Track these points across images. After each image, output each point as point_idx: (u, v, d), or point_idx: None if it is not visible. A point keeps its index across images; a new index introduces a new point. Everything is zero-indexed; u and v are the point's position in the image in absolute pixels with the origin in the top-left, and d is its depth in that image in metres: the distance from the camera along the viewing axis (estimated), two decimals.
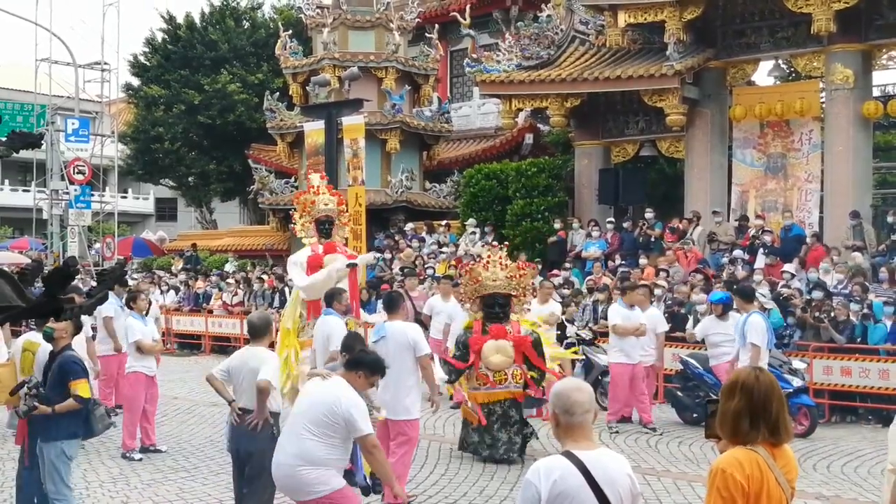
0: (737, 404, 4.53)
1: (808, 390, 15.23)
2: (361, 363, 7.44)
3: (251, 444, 8.60)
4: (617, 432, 14.52)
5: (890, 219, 20.85)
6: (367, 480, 8.37)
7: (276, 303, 23.69)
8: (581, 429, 4.81)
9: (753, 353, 13.03)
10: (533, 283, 14.02)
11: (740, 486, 4.39)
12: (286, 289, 23.52)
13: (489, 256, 13.12)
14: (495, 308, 12.78)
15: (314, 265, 13.66)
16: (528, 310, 13.51)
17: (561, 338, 17.77)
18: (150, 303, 16.71)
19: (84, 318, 13.05)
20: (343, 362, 7.65)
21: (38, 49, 42.56)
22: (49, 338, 8.97)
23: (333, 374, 7.49)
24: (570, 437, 4.82)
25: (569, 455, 4.74)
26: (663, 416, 15.72)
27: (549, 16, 26.70)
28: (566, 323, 17.95)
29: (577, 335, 17.54)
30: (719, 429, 4.63)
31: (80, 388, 8.70)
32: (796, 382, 14.60)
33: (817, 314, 16.66)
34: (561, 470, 4.70)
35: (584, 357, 17.16)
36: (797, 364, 15.27)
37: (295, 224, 14.44)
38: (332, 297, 11.50)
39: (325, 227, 14.03)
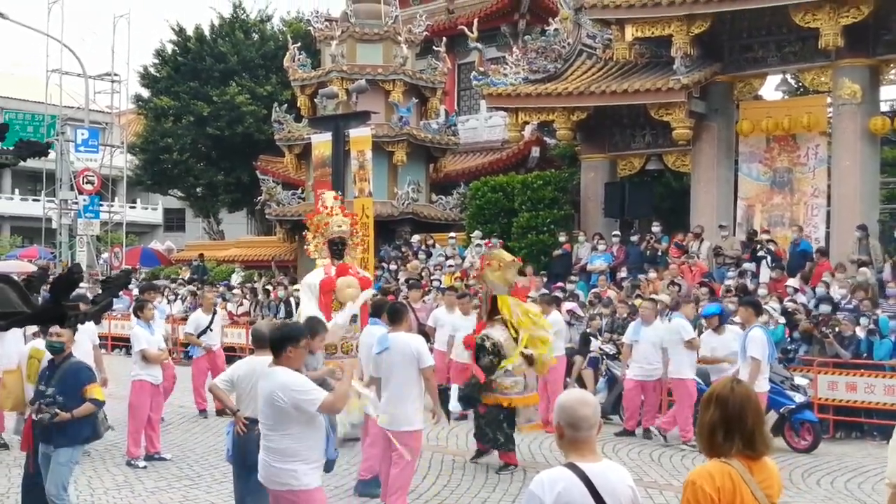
0: (711, 416, 4.54)
1: (812, 406, 15.20)
2: (280, 340, 7.29)
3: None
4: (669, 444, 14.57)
5: None
6: (337, 452, 8.25)
7: (283, 313, 23.73)
8: (586, 443, 4.80)
9: (753, 367, 13.05)
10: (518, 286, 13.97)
11: (709, 498, 4.40)
12: (291, 299, 23.58)
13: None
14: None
15: (327, 289, 13.71)
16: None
17: (585, 351, 17.85)
18: (214, 309, 17.57)
19: (92, 326, 13.21)
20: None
21: (49, 60, 42.86)
22: (58, 351, 9.01)
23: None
24: (575, 450, 4.81)
25: (572, 467, 4.74)
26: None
27: (556, 29, 26.77)
28: (590, 337, 17.98)
29: (601, 349, 17.56)
30: (697, 441, 4.64)
31: (96, 391, 8.95)
32: (798, 398, 14.58)
33: (823, 329, 16.64)
34: (565, 481, 4.69)
35: (606, 371, 17.20)
36: (799, 380, 15.23)
37: (308, 245, 14.48)
38: (382, 309, 11.51)
39: (337, 248, 14.05)
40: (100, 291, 5.81)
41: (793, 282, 19.16)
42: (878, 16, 21.22)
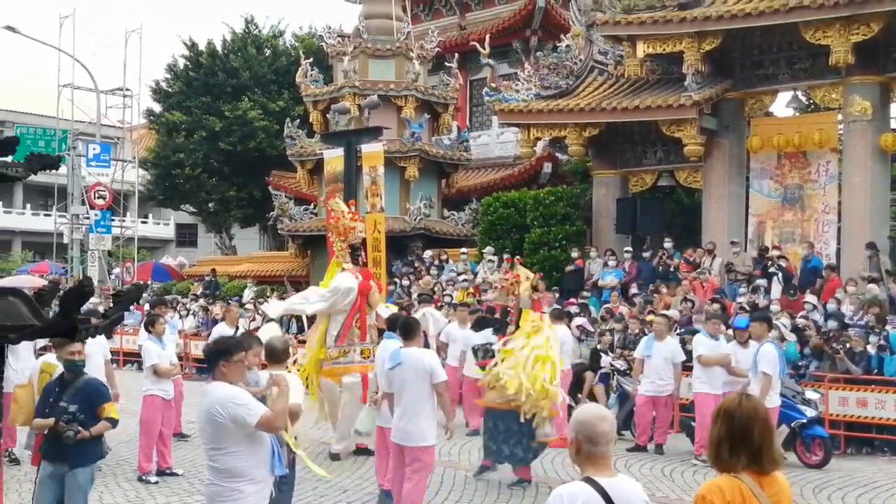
0: (718, 431, 4.54)
1: (823, 421, 15.18)
2: (212, 355, 7.19)
3: None
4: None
5: None
6: (286, 470, 8.09)
7: (294, 328, 23.74)
8: (603, 458, 4.83)
9: (764, 383, 13.05)
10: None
11: None
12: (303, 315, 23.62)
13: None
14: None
15: (365, 292, 13.90)
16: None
17: (595, 367, 17.84)
18: (237, 324, 17.89)
19: (103, 340, 13.26)
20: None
21: (62, 75, 43.00)
22: (79, 370, 8.98)
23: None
24: (592, 465, 4.83)
25: (590, 481, 4.76)
26: (679, 446, 15.68)
27: (568, 46, 26.84)
28: (601, 353, 17.96)
29: (612, 365, 17.54)
30: (707, 455, 4.64)
31: (112, 410, 8.95)
32: (810, 413, 14.57)
33: (834, 345, 16.61)
34: (584, 496, 4.71)
35: (618, 387, 17.19)
36: (810, 394, 15.20)
37: (334, 248, 14.61)
38: (396, 323, 11.56)
39: (357, 252, 14.24)
40: (111, 306, 5.84)
41: (810, 298, 19.10)
42: (889, 33, 21.20)
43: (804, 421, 14.39)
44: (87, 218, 39.12)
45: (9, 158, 5.78)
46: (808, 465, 14.38)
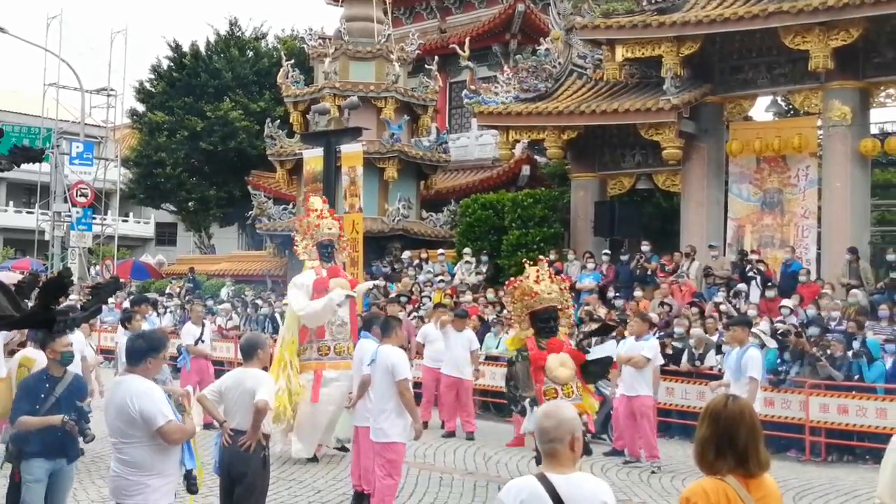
0: (703, 432, 4.50)
1: None
2: (144, 350, 7.22)
3: (244, 464, 8.57)
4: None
5: (890, 257, 20.33)
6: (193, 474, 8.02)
7: (270, 328, 23.73)
8: (554, 455, 4.86)
9: (752, 387, 12.71)
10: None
11: None
12: (277, 314, 23.54)
13: (538, 270, 12.88)
14: (550, 322, 12.46)
15: (320, 289, 13.77)
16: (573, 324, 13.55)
17: None
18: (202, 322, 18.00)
19: (81, 336, 13.21)
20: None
21: (47, 74, 43.27)
22: (69, 362, 8.97)
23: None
24: (547, 461, 4.89)
25: (541, 477, 4.81)
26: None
27: (547, 49, 26.89)
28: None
29: None
30: (693, 457, 4.62)
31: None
32: None
33: (814, 350, 16.50)
34: (529, 491, 4.78)
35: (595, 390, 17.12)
36: None
37: (296, 246, 14.56)
38: (371, 323, 11.53)
39: (327, 250, 14.18)
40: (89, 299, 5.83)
41: (788, 302, 19.02)
42: (868, 39, 21.28)
43: None
44: (69, 215, 39.18)
45: None
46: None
